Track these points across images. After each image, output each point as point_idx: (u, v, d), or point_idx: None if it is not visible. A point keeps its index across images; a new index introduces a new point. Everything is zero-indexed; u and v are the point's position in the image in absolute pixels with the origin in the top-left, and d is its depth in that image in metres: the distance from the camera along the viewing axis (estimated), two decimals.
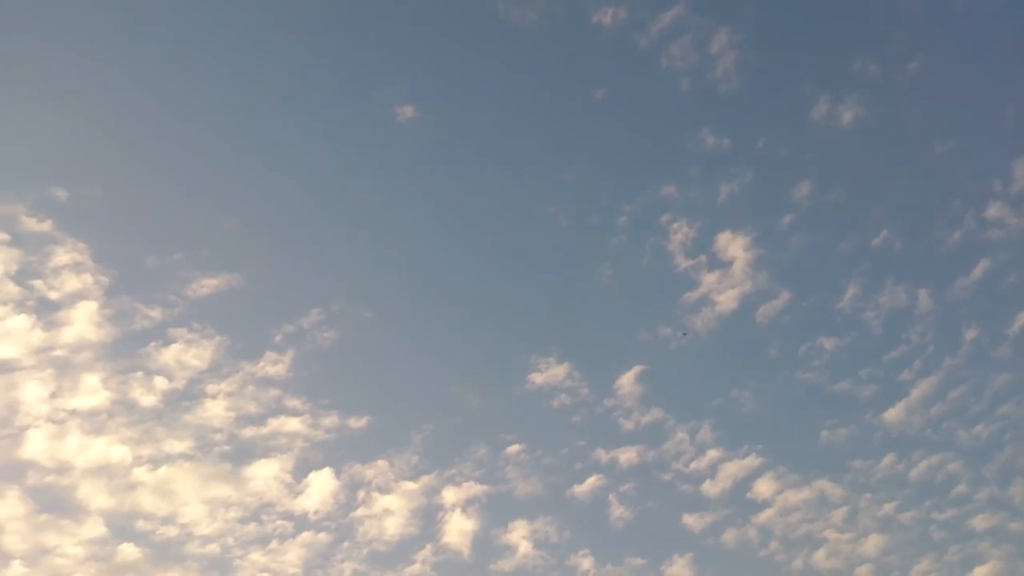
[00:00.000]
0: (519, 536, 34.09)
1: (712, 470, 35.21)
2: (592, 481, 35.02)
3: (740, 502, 34.78)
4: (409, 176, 40.85)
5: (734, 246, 38.16)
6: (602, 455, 35.75)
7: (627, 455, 35.63)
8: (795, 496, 34.76)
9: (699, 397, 37.77)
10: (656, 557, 34.24)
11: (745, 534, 34.27)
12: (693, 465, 35.29)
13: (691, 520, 34.53)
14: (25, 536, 30.61)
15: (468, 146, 41.55)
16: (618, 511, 34.79)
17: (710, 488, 34.95)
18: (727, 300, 37.47)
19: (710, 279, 37.85)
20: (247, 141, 39.68)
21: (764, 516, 34.42)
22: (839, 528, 34.04)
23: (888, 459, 34.73)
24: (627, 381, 36.83)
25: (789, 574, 33.60)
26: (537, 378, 36.68)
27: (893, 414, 35.38)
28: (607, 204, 40.18)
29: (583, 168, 41.27)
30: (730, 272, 37.95)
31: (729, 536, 34.28)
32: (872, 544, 33.50)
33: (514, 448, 35.75)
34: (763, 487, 34.89)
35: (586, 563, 33.87)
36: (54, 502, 31.36)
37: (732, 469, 35.23)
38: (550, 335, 38.98)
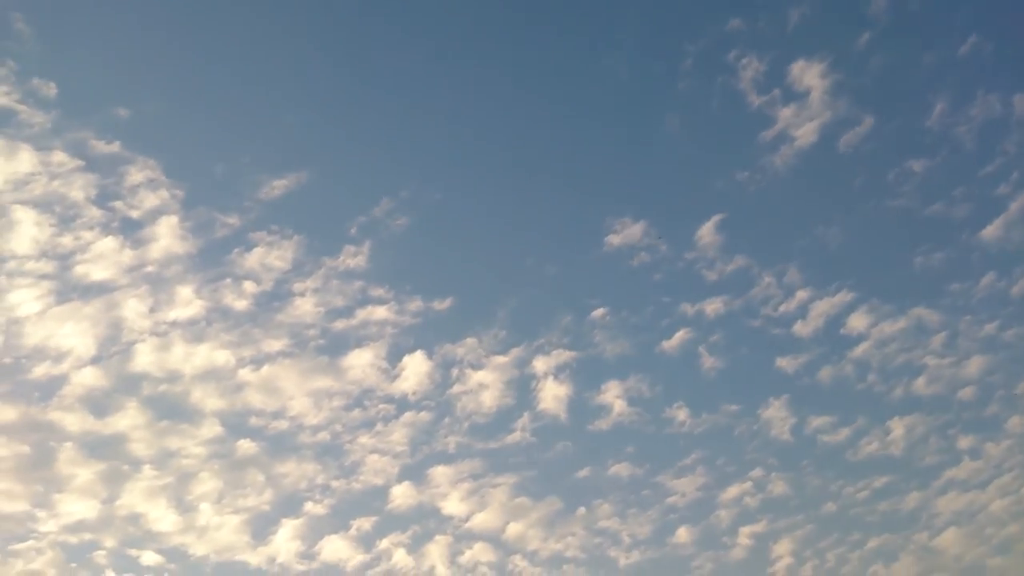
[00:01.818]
0: (613, 396, 34.64)
1: (802, 310, 34.66)
2: (680, 335, 35.00)
3: (834, 339, 34.30)
4: (461, 48, 39.57)
5: (809, 75, 36.01)
6: (688, 308, 35.52)
7: (713, 306, 35.31)
8: (891, 327, 34.04)
9: (783, 238, 36.78)
10: (751, 402, 34.41)
11: (841, 370, 33.97)
12: (782, 308, 34.77)
13: (784, 362, 34.35)
14: (150, 443, 32.66)
15: (519, 9, 39.79)
16: (709, 361, 34.83)
17: (802, 328, 34.50)
18: (806, 133, 35.75)
19: (786, 113, 36.04)
20: (296, 35, 38.91)
21: (860, 350, 33.94)
22: (939, 353, 33.38)
23: (988, 278, 33.46)
24: (707, 232, 36.05)
25: (889, 405, 33.37)
26: (614, 239, 36.24)
27: (991, 231, 33.81)
28: (669, 48, 38.23)
29: (639, 13, 39.14)
30: (807, 103, 36.00)
31: (824, 374, 34.04)
32: (974, 366, 32.81)
33: (599, 312, 35.84)
34: (857, 321, 34.25)
35: (681, 414, 34.32)
36: (171, 409, 33.21)
37: (823, 307, 34.60)
38: (623, 194, 38.18)
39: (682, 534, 32.25)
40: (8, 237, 32.78)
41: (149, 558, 31.28)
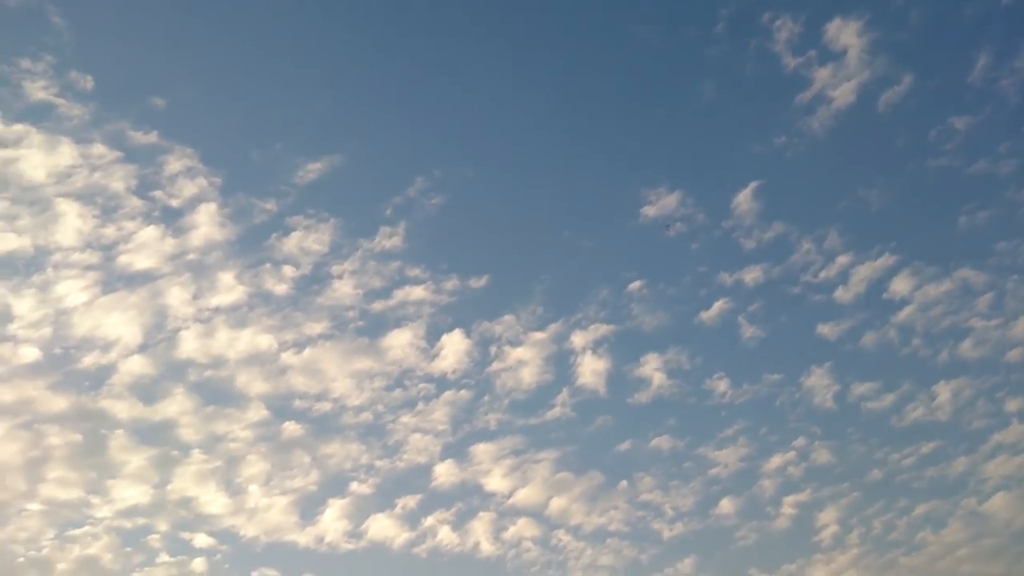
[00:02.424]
0: (652, 368, 34.53)
1: (843, 276, 34.12)
2: (719, 305, 34.69)
3: (876, 304, 33.76)
4: (492, 23, 39.29)
5: (846, 33, 35.15)
6: (726, 278, 35.17)
7: (752, 274, 34.92)
8: (935, 289, 33.38)
9: (823, 203, 36.16)
10: (793, 370, 34.06)
11: (885, 335, 33.44)
12: (823, 274, 34.26)
13: (826, 329, 33.91)
14: (198, 428, 33.34)
15: None
16: (749, 331, 34.50)
17: (843, 294, 33.99)
18: (844, 94, 34.97)
19: (823, 74, 35.27)
20: (326, 19, 38.92)
21: (903, 314, 33.36)
22: (985, 315, 32.67)
23: None
24: (744, 199, 35.57)
25: (934, 369, 32.81)
26: (650, 210, 35.93)
27: None
28: (701, 13, 37.55)
29: None
30: (844, 63, 35.18)
31: (868, 340, 33.54)
32: (1022, 327, 32.06)
33: (635, 284, 35.64)
34: (900, 285, 33.64)
35: (722, 385, 34.10)
36: (216, 393, 33.85)
37: (865, 272, 34.02)
38: (657, 164, 37.79)
39: (725, 505, 32.20)
40: (53, 230, 33.50)
41: (201, 540, 32.07)
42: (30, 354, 32.33)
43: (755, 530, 31.67)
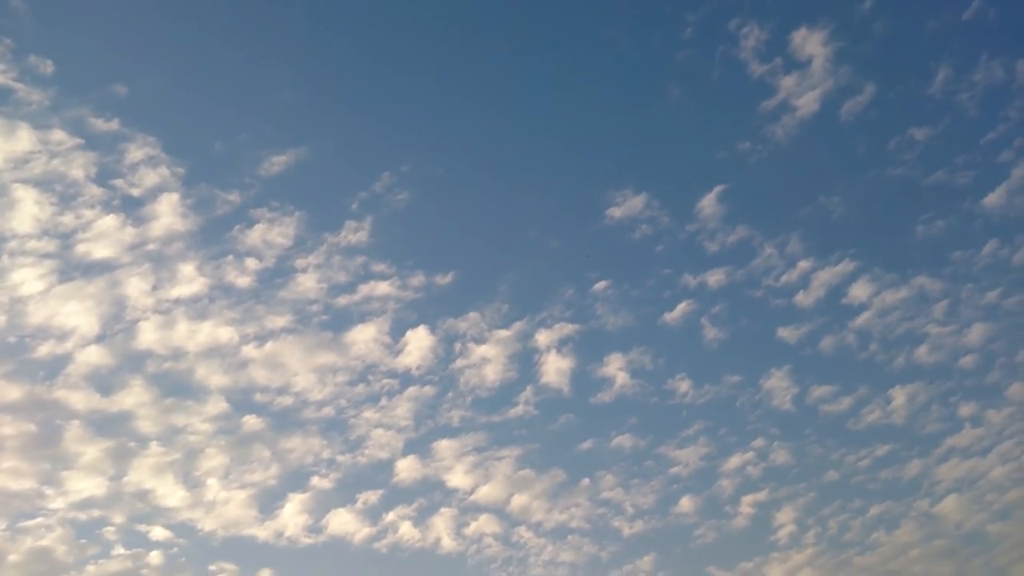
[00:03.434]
0: (615, 368, 34.78)
1: (804, 280, 34.69)
2: (682, 307, 35.07)
3: (835, 309, 34.37)
4: (460, 21, 39.22)
5: (811, 42, 35.71)
6: (690, 280, 35.56)
7: (715, 277, 35.34)
8: (893, 296, 34.07)
9: (785, 209, 36.71)
10: (753, 372, 34.54)
11: (843, 340, 34.05)
12: (784, 278, 34.80)
13: (786, 333, 34.44)
14: (156, 419, 32.88)
15: None
16: (711, 333, 34.92)
17: (803, 299, 34.56)
18: (808, 102, 35.55)
19: (788, 83, 35.79)
20: (294, 10, 38.57)
21: (861, 319, 34.00)
22: (940, 322, 33.42)
23: (990, 246, 33.41)
24: (708, 203, 35.98)
25: (891, 374, 33.49)
26: (615, 212, 36.19)
27: (993, 199, 33.69)
28: (669, 17, 37.88)
29: None
30: (809, 72, 35.74)
31: (826, 343, 34.13)
32: (976, 334, 32.86)
33: (600, 284, 35.88)
34: (859, 291, 34.28)
35: (684, 385, 34.47)
36: (176, 386, 33.40)
37: (825, 277, 34.62)
38: (623, 166, 38.06)
39: (685, 504, 32.56)
40: (9, 216, 32.78)
41: (158, 533, 31.63)
42: None
43: (714, 528, 32.09)
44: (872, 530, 30.98)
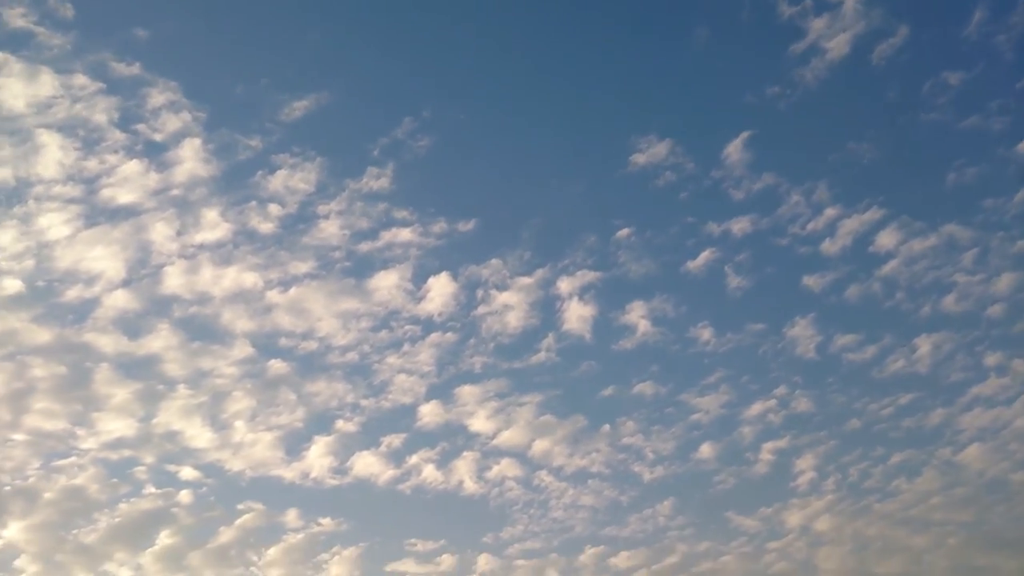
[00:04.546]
0: (637, 316, 34.70)
1: (830, 228, 34.20)
2: (705, 255, 34.78)
3: (862, 257, 33.94)
4: None
5: None
6: (714, 228, 35.19)
7: (740, 225, 34.94)
8: (920, 244, 33.57)
9: (813, 155, 36.05)
10: (776, 321, 34.35)
11: (868, 288, 33.69)
12: (810, 226, 34.33)
13: (811, 281, 34.10)
14: (183, 363, 33.37)
15: None
16: (735, 281, 34.66)
17: (829, 247, 34.12)
18: (838, 45, 34.60)
19: (818, 25, 34.81)
20: None
21: (888, 268, 33.58)
22: (969, 271, 32.91)
23: (1022, 194, 32.70)
24: (734, 149, 35.40)
25: (916, 322, 33.17)
26: (639, 158, 35.72)
27: None
28: None
29: None
30: (840, 14, 34.71)
31: (852, 292, 33.79)
32: (1005, 283, 32.37)
33: (623, 232, 35.61)
34: (886, 239, 33.79)
35: (706, 334, 34.38)
36: (202, 330, 33.80)
37: (852, 225, 34.11)
38: (648, 111, 37.43)
39: (705, 450, 32.74)
40: (34, 161, 32.94)
41: (187, 473, 32.37)
42: (13, 286, 32.09)
43: (734, 475, 32.30)
44: (893, 478, 31.05)
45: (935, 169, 34.47)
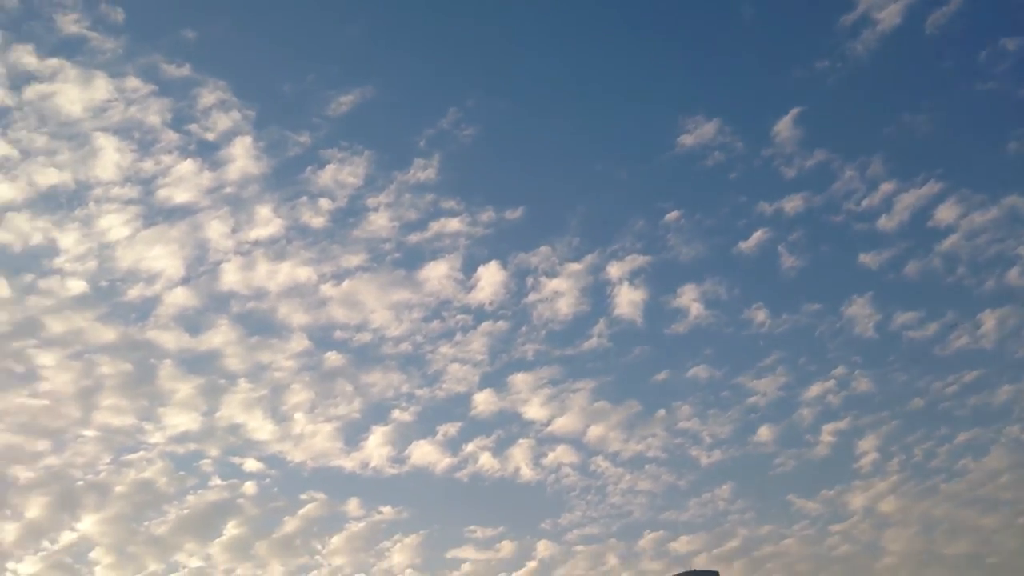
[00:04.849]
0: (689, 299, 34.51)
1: (887, 204, 33.57)
2: (757, 236, 34.39)
3: (920, 232, 33.30)
4: None
5: None
6: (765, 207, 34.77)
7: (792, 203, 34.46)
8: (981, 217, 32.77)
9: (867, 129, 35.40)
10: (834, 300, 33.94)
11: (928, 264, 33.01)
12: (865, 202, 33.72)
13: (868, 258, 33.55)
14: (243, 357, 34.21)
15: None
16: (788, 260, 34.19)
17: (886, 223, 33.50)
18: (889, 16, 33.83)
19: None
20: None
21: (948, 242, 32.86)
22: None
23: None
24: (784, 126, 34.84)
25: (980, 297, 32.32)
26: (687, 139, 35.40)
27: None
28: None
29: None
30: None
31: (911, 269, 33.14)
32: None
33: (672, 215, 35.39)
34: (945, 213, 33.06)
35: (760, 315, 34.02)
36: (259, 325, 34.58)
37: (909, 200, 33.42)
38: (694, 91, 37.12)
39: (763, 433, 32.48)
40: (92, 164, 33.99)
41: (251, 465, 33.24)
42: (77, 287, 33.25)
43: (793, 457, 32.01)
44: (959, 457, 30.47)
45: (994, 139, 33.59)
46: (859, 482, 30.89)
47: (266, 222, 34.05)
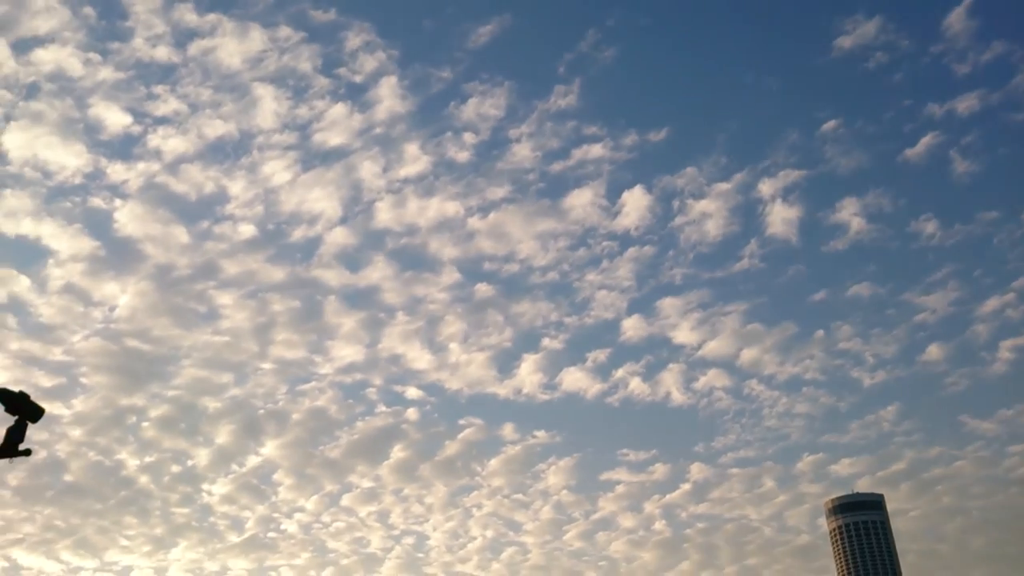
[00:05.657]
0: (849, 214, 32.98)
1: None
2: (926, 141, 32.14)
3: None
4: None
5: None
6: (935, 110, 32.43)
7: (966, 103, 32.03)
8: None
9: None
10: (1013, 206, 31.37)
11: None
12: None
13: None
14: (399, 292, 36.06)
15: None
16: (962, 166, 31.82)
17: None
18: None
19: None
20: None
21: None
22: None
23: None
24: (956, 19, 32.08)
25: None
26: (844, 41, 33.33)
27: None
28: None
29: None
30: None
31: None
32: None
33: (829, 124, 33.60)
34: None
35: (930, 227, 32.02)
36: (412, 259, 36.07)
37: None
38: None
39: (933, 352, 30.99)
40: (253, 114, 36.29)
41: (412, 393, 35.33)
42: (247, 231, 35.86)
43: (967, 376, 30.27)
44: None
45: None
46: None
47: (414, 159, 35.34)
